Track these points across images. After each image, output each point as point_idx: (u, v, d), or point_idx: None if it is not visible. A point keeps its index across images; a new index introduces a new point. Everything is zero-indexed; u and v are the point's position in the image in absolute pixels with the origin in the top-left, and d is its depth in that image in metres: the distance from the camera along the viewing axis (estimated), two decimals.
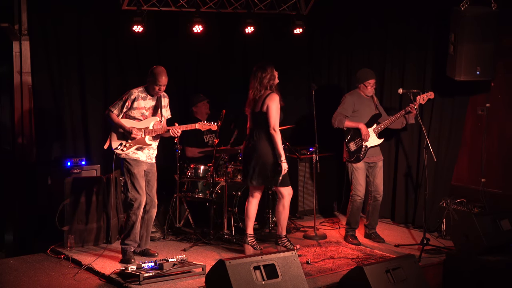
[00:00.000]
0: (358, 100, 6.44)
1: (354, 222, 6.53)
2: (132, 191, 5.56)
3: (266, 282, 4.64)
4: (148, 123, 5.64)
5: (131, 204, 5.55)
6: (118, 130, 5.60)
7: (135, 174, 5.56)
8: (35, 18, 6.61)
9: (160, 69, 5.55)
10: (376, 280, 4.80)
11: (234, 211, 6.42)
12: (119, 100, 5.59)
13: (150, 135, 5.63)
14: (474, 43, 6.12)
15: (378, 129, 6.40)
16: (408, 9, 7.01)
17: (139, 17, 6.62)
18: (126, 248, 5.59)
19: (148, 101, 5.63)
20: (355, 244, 6.38)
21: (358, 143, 6.39)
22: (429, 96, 6.29)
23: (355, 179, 6.42)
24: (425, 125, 6.62)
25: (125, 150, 5.58)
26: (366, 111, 6.43)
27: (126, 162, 5.60)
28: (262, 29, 7.39)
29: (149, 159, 5.70)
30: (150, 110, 5.65)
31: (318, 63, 8.18)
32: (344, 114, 6.38)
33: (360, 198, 6.43)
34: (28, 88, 6.70)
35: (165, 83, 5.56)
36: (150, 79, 5.55)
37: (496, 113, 6.63)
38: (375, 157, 6.47)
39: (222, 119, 6.23)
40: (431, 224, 6.63)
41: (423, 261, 5.69)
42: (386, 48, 7.33)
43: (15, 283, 5.18)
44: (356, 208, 6.46)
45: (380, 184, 6.49)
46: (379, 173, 6.48)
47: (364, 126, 6.35)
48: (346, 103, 6.42)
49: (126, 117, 5.61)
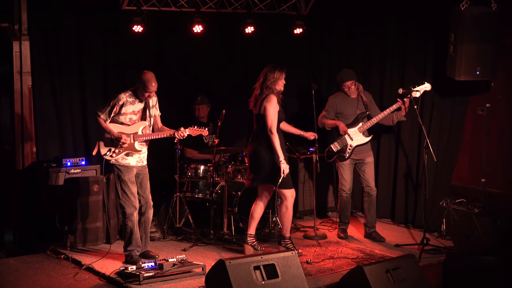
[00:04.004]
0: (342, 102, 6.58)
1: (343, 217, 6.69)
2: (123, 197, 5.53)
3: (266, 282, 4.64)
4: (137, 128, 5.57)
5: (123, 211, 5.54)
6: (106, 136, 5.53)
7: (126, 181, 5.52)
8: (35, 18, 6.61)
9: (149, 75, 5.43)
10: (376, 280, 4.80)
11: (234, 211, 6.42)
12: (106, 105, 5.51)
13: (140, 140, 5.57)
14: (474, 43, 6.12)
15: (364, 128, 6.47)
16: (408, 9, 7.00)
17: (139, 17, 6.62)
18: (130, 253, 5.58)
19: (137, 104, 5.55)
20: (341, 238, 6.53)
21: (341, 142, 6.46)
22: (424, 88, 6.27)
23: (341, 174, 6.62)
24: (425, 125, 6.62)
25: (114, 156, 5.53)
26: (350, 111, 6.54)
27: (116, 168, 5.55)
28: (262, 29, 7.38)
29: (140, 163, 5.64)
30: (139, 114, 5.58)
31: (318, 63, 8.18)
32: (326, 117, 6.59)
33: (346, 193, 6.61)
34: (28, 88, 6.69)
35: (155, 89, 5.47)
36: (140, 85, 5.45)
37: (496, 113, 6.63)
38: (362, 153, 6.55)
39: (222, 119, 6.24)
40: (431, 224, 6.63)
41: (423, 261, 5.69)
42: (386, 48, 7.33)
43: (15, 283, 5.18)
44: (343, 203, 6.64)
45: (371, 179, 6.55)
46: (368, 168, 6.56)
47: (341, 123, 6.49)
48: (328, 106, 6.66)
49: (113, 122, 5.53)
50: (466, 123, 6.79)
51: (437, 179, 6.80)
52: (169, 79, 7.22)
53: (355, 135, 6.49)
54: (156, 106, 5.73)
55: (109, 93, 7.00)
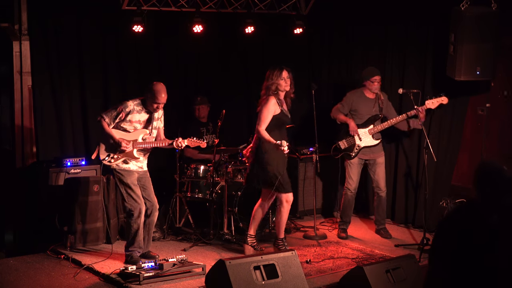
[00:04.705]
0: (359, 99, 6.53)
1: (345, 216, 6.70)
2: (129, 200, 5.52)
3: (266, 282, 4.65)
4: (137, 135, 5.56)
5: (131, 214, 5.52)
6: (108, 140, 5.51)
7: (129, 184, 5.52)
8: (35, 18, 6.60)
9: (159, 87, 5.43)
10: (376, 280, 4.80)
11: (234, 211, 6.42)
12: (113, 110, 5.50)
13: (138, 148, 5.56)
14: (474, 43, 6.12)
15: (375, 130, 6.47)
16: (408, 9, 7.00)
17: (139, 17, 6.61)
18: (131, 254, 5.57)
19: (143, 114, 5.55)
20: (341, 238, 6.55)
21: (349, 141, 6.47)
22: (441, 101, 6.30)
23: (348, 173, 6.63)
24: (425, 125, 6.62)
25: (112, 161, 5.53)
26: (364, 111, 6.51)
27: (117, 173, 5.55)
28: (262, 29, 7.39)
29: (140, 169, 5.65)
30: (144, 124, 5.58)
31: (318, 63, 8.18)
32: (340, 110, 6.59)
33: (351, 192, 6.61)
34: (28, 88, 6.69)
35: (165, 101, 5.47)
36: (149, 96, 5.45)
37: (496, 113, 6.62)
38: (373, 154, 6.55)
39: (222, 119, 6.24)
40: (431, 224, 6.62)
41: (423, 261, 5.69)
42: (386, 48, 7.33)
43: (15, 283, 5.18)
44: (347, 201, 6.64)
45: (381, 179, 6.58)
46: (378, 168, 6.57)
47: (353, 123, 6.47)
48: (345, 100, 6.63)
49: (116, 128, 5.53)
50: (466, 123, 6.79)
51: (437, 179, 6.80)
52: (169, 79, 7.20)
53: (364, 136, 6.49)
54: (161, 119, 5.73)
55: (109, 93, 7.01)
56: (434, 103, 6.32)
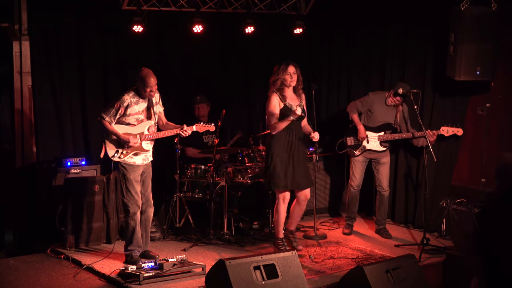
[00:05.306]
0: (378, 103, 6.58)
1: (350, 212, 6.76)
2: (127, 196, 5.52)
3: (266, 282, 4.65)
4: (143, 127, 5.57)
5: (127, 210, 5.53)
6: (112, 137, 5.52)
7: (131, 180, 5.52)
8: (35, 18, 6.60)
9: (146, 71, 5.45)
10: (376, 280, 4.80)
11: (234, 211, 6.42)
12: (111, 107, 5.48)
13: (147, 140, 5.58)
14: (474, 43, 6.12)
15: (384, 138, 6.50)
16: (408, 9, 7.00)
17: (139, 17, 6.62)
18: (130, 253, 5.57)
19: (141, 104, 5.54)
20: (345, 234, 6.62)
21: (356, 139, 6.52)
22: (456, 131, 6.34)
23: (352, 170, 6.67)
24: (425, 125, 6.62)
25: (122, 157, 5.52)
26: (380, 116, 6.55)
27: (122, 167, 5.54)
28: (262, 29, 7.39)
29: (145, 161, 5.64)
30: (145, 113, 5.58)
31: (318, 63, 8.18)
32: (358, 108, 6.60)
33: (354, 188, 6.66)
34: (28, 88, 6.69)
35: (155, 83, 5.46)
36: (140, 83, 5.45)
37: (496, 113, 6.62)
38: (378, 153, 6.55)
39: (222, 119, 6.24)
40: (431, 224, 6.63)
41: (423, 261, 5.69)
42: (386, 48, 7.33)
43: (15, 283, 5.18)
44: (351, 198, 6.70)
45: (384, 179, 6.61)
46: (382, 168, 6.60)
47: (362, 129, 6.47)
48: (365, 100, 6.64)
49: (119, 123, 5.52)
50: (466, 123, 6.78)
51: (437, 179, 6.80)
52: (169, 79, 7.22)
53: (372, 140, 6.53)
54: (159, 103, 5.72)
55: (109, 93, 7.01)
56: (448, 132, 6.36)
